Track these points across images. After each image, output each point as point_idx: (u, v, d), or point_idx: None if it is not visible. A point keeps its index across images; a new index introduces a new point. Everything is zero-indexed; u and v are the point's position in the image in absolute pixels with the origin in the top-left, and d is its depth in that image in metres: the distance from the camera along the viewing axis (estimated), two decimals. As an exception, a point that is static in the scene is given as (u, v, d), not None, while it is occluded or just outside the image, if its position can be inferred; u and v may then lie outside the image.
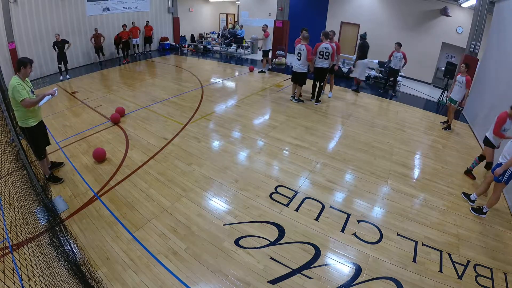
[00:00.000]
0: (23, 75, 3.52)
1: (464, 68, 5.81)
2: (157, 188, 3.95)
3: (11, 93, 3.39)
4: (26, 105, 3.43)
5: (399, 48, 8.16)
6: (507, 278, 2.85)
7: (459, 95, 6.01)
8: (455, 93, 6.10)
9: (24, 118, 3.60)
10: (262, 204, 3.69)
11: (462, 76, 5.83)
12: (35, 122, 3.71)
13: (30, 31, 9.18)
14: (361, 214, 3.63)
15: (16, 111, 3.55)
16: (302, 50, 6.85)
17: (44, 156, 3.92)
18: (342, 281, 2.71)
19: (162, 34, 14.70)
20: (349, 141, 5.52)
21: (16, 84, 3.36)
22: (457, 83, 6.00)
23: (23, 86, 3.45)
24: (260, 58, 12.60)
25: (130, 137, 5.38)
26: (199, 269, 2.76)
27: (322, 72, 7.12)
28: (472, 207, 3.82)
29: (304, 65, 7.03)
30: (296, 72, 7.17)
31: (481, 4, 7.31)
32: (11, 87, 3.37)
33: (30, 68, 3.55)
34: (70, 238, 3.02)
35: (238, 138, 5.48)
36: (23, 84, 3.46)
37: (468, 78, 5.77)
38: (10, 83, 3.39)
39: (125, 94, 7.80)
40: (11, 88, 3.36)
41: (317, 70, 7.12)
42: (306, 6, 13.51)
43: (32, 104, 3.48)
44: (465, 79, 5.77)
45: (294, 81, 7.41)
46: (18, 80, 3.43)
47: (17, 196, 3.28)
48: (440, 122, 6.89)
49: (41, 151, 3.88)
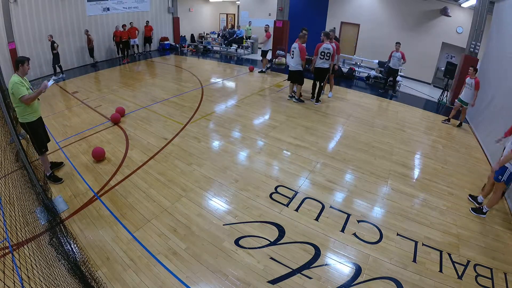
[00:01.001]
0: (22, 73, 3.65)
1: (473, 71, 6.06)
2: (157, 188, 3.95)
3: (11, 90, 3.50)
4: (26, 101, 3.56)
5: (398, 47, 8.21)
6: (507, 278, 2.85)
7: (469, 96, 6.23)
8: (465, 95, 6.32)
9: (24, 114, 3.72)
10: (262, 204, 3.69)
11: (471, 79, 6.09)
12: (35, 117, 3.82)
13: (30, 31, 9.18)
14: (361, 214, 3.63)
15: (16, 107, 3.67)
16: (295, 48, 6.91)
17: (45, 150, 4.01)
18: (342, 281, 2.71)
19: (162, 34, 14.70)
20: (349, 141, 5.52)
21: (16, 81, 3.50)
22: (467, 85, 6.27)
23: (23, 83, 3.57)
24: (260, 58, 12.61)
25: (130, 137, 5.38)
26: (199, 269, 2.76)
27: (322, 72, 7.11)
28: (472, 207, 3.81)
29: (298, 64, 7.04)
30: (291, 71, 7.21)
31: (481, 4, 7.31)
32: (11, 84, 3.49)
33: (28, 66, 3.70)
34: (70, 238, 3.02)
35: (238, 138, 5.48)
36: (22, 82, 3.57)
37: (477, 80, 6.01)
38: (11, 80, 3.52)
39: (125, 94, 7.80)
40: (11, 85, 3.49)
41: (317, 70, 7.12)
42: (306, 6, 13.51)
43: (31, 99, 3.62)
44: (474, 81, 6.02)
45: (291, 80, 7.43)
46: (18, 77, 3.55)
47: (17, 196, 3.28)
48: (442, 121, 6.91)
49: (43, 145, 3.98)
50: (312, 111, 6.92)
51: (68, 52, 10.60)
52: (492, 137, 5.44)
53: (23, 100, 3.52)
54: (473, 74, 6.04)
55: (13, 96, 3.54)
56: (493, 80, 6.22)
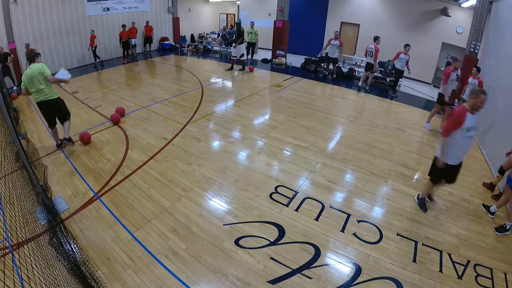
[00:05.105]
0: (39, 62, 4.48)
1: (476, 71, 6.04)
2: (157, 188, 3.95)
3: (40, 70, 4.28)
4: (51, 80, 4.39)
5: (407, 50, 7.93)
6: (507, 278, 2.85)
7: None
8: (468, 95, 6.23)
9: (51, 93, 4.48)
10: (262, 204, 3.69)
11: (474, 79, 6.06)
12: (57, 95, 4.62)
13: (30, 31, 9.19)
14: (361, 214, 3.63)
15: (42, 89, 4.37)
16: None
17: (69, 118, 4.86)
18: (342, 281, 2.71)
19: (162, 34, 14.69)
20: (349, 141, 5.52)
21: (42, 64, 4.38)
22: (469, 86, 6.19)
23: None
24: (260, 58, 12.62)
25: (130, 137, 5.38)
26: (199, 269, 2.76)
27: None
28: (495, 227, 3.56)
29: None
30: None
31: (481, 4, 7.31)
32: (37, 67, 4.29)
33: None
34: (70, 238, 3.02)
35: (238, 138, 5.48)
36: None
37: (480, 81, 6.00)
38: (36, 65, 4.33)
39: (125, 94, 7.80)
40: (39, 67, 4.30)
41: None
42: (306, 6, 13.51)
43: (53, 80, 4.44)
44: (477, 82, 5.99)
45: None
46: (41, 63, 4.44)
47: (17, 196, 3.28)
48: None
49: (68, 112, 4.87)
50: (312, 111, 6.92)
51: (68, 52, 10.61)
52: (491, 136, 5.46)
53: (50, 78, 4.34)
54: (476, 75, 6.01)
55: (41, 76, 4.28)
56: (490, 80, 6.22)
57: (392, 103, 8.18)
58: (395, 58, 8.29)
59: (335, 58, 9.66)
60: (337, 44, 9.36)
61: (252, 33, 11.68)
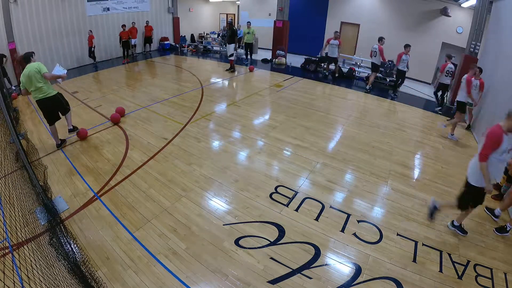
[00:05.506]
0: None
1: (478, 72, 6.03)
2: (157, 188, 3.95)
3: (37, 69, 4.33)
4: (48, 77, 4.45)
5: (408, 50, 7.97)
6: (507, 278, 2.85)
7: (474, 97, 6.15)
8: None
9: (49, 90, 4.56)
10: (262, 204, 3.69)
11: (476, 79, 6.03)
12: (56, 91, 4.71)
13: (30, 31, 9.18)
14: (361, 214, 3.63)
15: (41, 87, 4.43)
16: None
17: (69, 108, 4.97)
18: (342, 281, 2.71)
19: (162, 34, 14.69)
20: (349, 141, 5.52)
21: (38, 63, 4.43)
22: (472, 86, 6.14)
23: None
24: (259, 58, 12.61)
25: (130, 137, 5.38)
26: (199, 269, 2.76)
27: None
28: (495, 228, 3.55)
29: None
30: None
31: (481, 4, 7.30)
32: (34, 66, 4.34)
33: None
34: (70, 238, 3.02)
35: (238, 138, 5.48)
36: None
37: (482, 81, 5.99)
38: (32, 64, 4.38)
39: (125, 94, 7.80)
40: (35, 66, 4.35)
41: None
42: (306, 6, 13.50)
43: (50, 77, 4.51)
44: (479, 82, 5.99)
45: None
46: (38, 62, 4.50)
47: (17, 196, 3.28)
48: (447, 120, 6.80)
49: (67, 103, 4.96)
50: (312, 111, 6.92)
51: (68, 52, 10.61)
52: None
53: (47, 75, 4.41)
54: (478, 75, 6.01)
55: (38, 74, 4.33)
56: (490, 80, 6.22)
57: (392, 103, 8.18)
58: (398, 61, 8.21)
59: (335, 58, 9.67)
60: (336, 44, 9.37)
61: (249, 33, 11.61)
